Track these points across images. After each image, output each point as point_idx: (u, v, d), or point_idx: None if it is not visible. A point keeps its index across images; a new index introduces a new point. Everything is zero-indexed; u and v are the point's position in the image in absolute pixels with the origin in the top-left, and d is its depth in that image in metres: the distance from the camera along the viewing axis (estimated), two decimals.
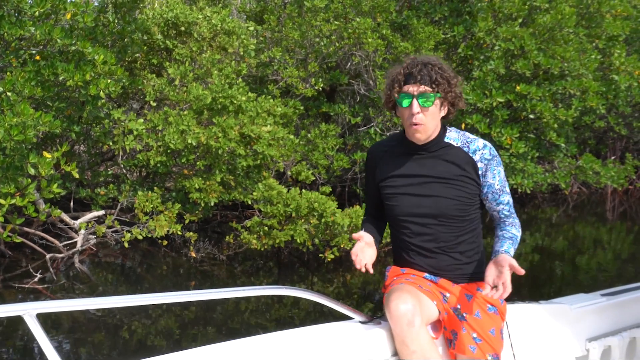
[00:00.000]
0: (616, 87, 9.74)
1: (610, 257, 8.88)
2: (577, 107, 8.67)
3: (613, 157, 13.56)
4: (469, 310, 2.32)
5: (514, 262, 2.19)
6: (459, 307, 2.33)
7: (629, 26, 9.84)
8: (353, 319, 2.33)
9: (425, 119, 2.28)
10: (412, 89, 2.26)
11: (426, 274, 2.42)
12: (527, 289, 7.09)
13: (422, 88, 2.25)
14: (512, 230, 2.40)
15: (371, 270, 2.28)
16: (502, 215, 2.43)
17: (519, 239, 2.38)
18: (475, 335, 2.28)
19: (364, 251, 2.30)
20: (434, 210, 2.35)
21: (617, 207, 13.45)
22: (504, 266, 2.19)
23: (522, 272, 2.15)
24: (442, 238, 2.38)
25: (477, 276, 2.43)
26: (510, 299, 2.57)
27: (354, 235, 2.32)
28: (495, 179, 2.37)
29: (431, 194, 2.36)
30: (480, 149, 2.37)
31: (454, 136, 2.40)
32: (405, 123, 2.32)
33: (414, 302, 2.16)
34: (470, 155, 2.36)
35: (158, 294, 1.87)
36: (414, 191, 2.38)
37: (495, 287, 2.20)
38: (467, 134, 2.43)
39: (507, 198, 2.41)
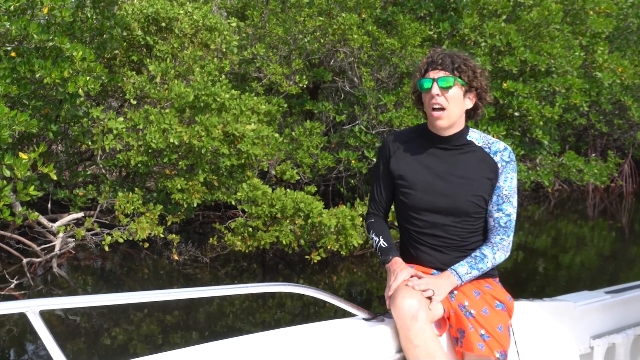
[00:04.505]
0: (599, 85, 9.77)
1: (593, 254, 8.91)
2: (560, 105, 8.67)
3: (594, 155, 13.63)
4: (476, 307, 2.28)
5: (442, 295, 2.22)
6: (466, 304, 2.28)
7: (612, 23, 9.89)
8: (356, 316, 2.28)
9: (447, 104, 2.26)
10: (432, 74, 2.27)
11: (434, 271, 2.38)
12: (511, 287, 7.04)
13: (443, 73, 2.26)
14: (491, 255, 2.34)
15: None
16: (497, 224, 2.36)
17: (490, 266, 2.34)
18: (483, 332, 2.24)
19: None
20: (451, 208, 2.32)
21: (598, 205, 13.56)
22: (438, 286, 2.22)
23: (432, 300, 2.19)
24: (455, 235, 2.35)
25: (486, 273, 2.39)
26: (515, 296, 2.51)
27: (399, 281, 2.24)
28: (506, 183, 2.34)
29: (449, 191, 2.32)
30: (500, 150, 2.36)
31: (475, 136, 2.39)
32: (428, 110, 2.30)
33: (419, 297, 2.14)
34: (492, 156, 2.35)
35: (160, 291, 1.84)
36: (431, 186, 2.34)
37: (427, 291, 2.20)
38: (489, 136, 2.42)
39: (510, 210, 2.35)
